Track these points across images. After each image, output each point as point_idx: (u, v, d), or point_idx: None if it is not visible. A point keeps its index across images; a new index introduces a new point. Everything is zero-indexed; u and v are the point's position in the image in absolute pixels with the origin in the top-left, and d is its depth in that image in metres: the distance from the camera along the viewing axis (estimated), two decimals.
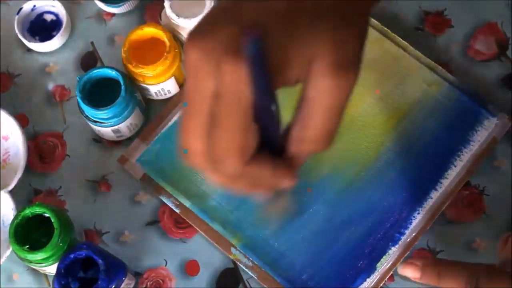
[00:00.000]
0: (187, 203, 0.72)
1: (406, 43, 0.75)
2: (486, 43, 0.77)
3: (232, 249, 0.71)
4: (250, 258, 0.70)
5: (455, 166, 0.71)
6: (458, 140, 0.72)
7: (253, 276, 0.70)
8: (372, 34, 0.75)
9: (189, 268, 0.72)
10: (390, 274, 0.70)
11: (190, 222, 0.72)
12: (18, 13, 0.78)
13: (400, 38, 0.75)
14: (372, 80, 0.74)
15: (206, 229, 0.71)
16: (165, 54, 0.70)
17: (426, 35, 0.78)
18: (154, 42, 0.72)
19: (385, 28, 0.76)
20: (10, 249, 0.69)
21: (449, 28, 0.78)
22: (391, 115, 0.74)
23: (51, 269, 0.67)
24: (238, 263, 0.70)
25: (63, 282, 0.64)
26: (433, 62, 0.75)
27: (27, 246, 0.65)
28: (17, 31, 0.77)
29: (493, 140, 0.72)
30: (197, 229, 0.72)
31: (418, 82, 0.74)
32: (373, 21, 0.76)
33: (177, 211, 0.72)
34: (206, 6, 0.72)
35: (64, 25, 0.77)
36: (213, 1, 0.72)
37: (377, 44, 0.75)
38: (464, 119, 0.73)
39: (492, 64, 0.76)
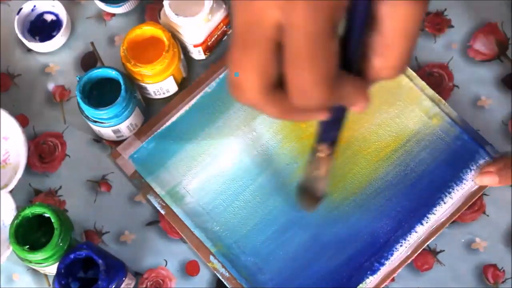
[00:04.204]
0: (172, 206, 0.72)
1: (413, 73, 0.75)
2: (486, 43, 0.77)
3: (211, 257, 0.71)
4: (227, 269, 0.70)
5: (445, 203, 0.71)
6: (451, 177, 0.72)
7: (229, 287, 0.70)
8: None
9: (189, 268, 0.72)
10: None
11: (173, 225, 0.72)
12: (18, 13, 0.78)
13: (407, 67, 0.75)
14: (374, 106, 0.74)
15: (188, 234, 0.71)
16: (163, 53, 0.70)
17: (426, 35, 0.78)
18: (153, 41, 0.72)
19: None
20: (10, 249, 0.69)
21: (449, 28, 0.78)
22: (387, 143, 0.73)
23: (51, 269, 0.67)
24: (215, 272, 0.71)
25: (63, 282, 0.64)
26: (437, 95, 0.74)
27: (27, 246, 0.65)
28: (17, 31, 0.77)
29: None
30: (180, 232, 0.72)
31: (419, 114, 0.74)
32: None
33: (163, 212, 0.72)
34: (204, 5, 0.72)
35: (64, 25, 0.77)
36: (212, 1, 0.72)
37: None
38: (460, 157, 0.72)
39: (492, 64, 0.76)
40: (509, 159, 0.69)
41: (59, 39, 0.78)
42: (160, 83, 0.73)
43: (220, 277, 0.70)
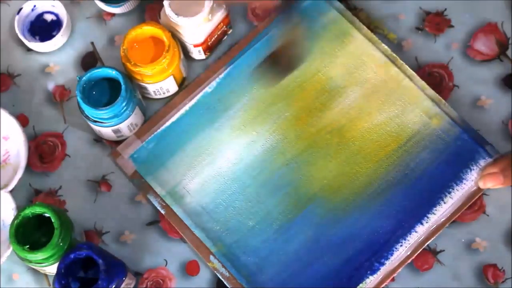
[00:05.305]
0: (173, 206, 0.72)
1: (413, 72, 0.75)
2: (486, 43, 0.77)
3: (211, 257, 0.71)
4: (227, 269, 0.70)
5: (445, 203, 0.71)
6: (451, 176, 0.72)
7: (229, 287, 0.70)
8: (379, 58, 0.75)
9: (189, 268, 0.72)
10: None
11: (173, 225, 0.72)
12: (18, 13, 0.78)
13: (407, 66, 0.75)
14: (374, 105, 0.74)
15: (188, 233, 0.71)
16: (163, 53, 0.70)
17: (426, 35, 0.78)
18: (153, 41, 0.73)
19: (394, 55, 0.75)
20: (10, 249, 0.69)
21: (449, 28, 0.78)
22: (387, 143, 0.73)
23: (51, 269, 0.67)
24: (215, 272, 0.71)
25: (63, 282, 0.64)
26: (437, 95, 0.74)
27: (27, 246, 0.65)
28: (17, 31, 0.77)
29: None
30: (179, 232, 0.72)
31: (420, 113, 0.74)
32: (383, 45, 0.76)
33: (163, 212, 0.72)
34: (205, 5, 0.72)
35: (64, 25, 0.77)
36: (212, 1, 0.72)
37: (384, 69, 0.75)
38: (460, 156, 0.72)
39: (492, 64, 0.76)
40: (510, 158, 0.69)
41: (59, 39, 0.78)
42: (160, 83, 0.73)
43: (220, 277, 0.70)
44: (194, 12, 0.72)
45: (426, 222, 0.70)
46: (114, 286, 0.65)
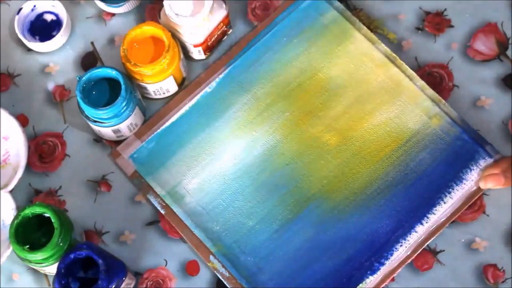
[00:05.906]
0: (173, 206, 0.72)
1: (413, 72, 0.75)
2: (486, 43, 0.77)
3: (211, 257, 0.71)
4: (227, 269, 0.70)
5: (445, 203, 0.71)
6: (451, 176, 0.72)
7: (229, 287, 0.70)
8: (379, 58, 0.75)
9: (189, 268, 0.72)
10: None
11: (173, 225, 0.72)
12: (18, 13, 0.78)
13: (407, 66, 0.75)
14: (374, 105, 0.74)
15: (188, 233, 0.72)
16: (163, 53, 0.70)
17: (426, 35, 0.78)
18: (153, 41, 0.73)
19: (393, 55, 0.75)
20: (10, 249, 0.69)
21: (449, 28, 0.78)
22: (387, 143, 0.73)
23: (51, 269, 0.67)
24: (215, 272, 0.71)
25: (63, 282, 0.64)
26: (437, 95, 0.74)
27: (27, 246, 0.65)
28: (17, 31, 0.77)
29: None
30: (179, 232, 0.72)
31: (419, 113, 0.74)
32: (382, 45, 0.76)
33: (163, 212, 0.72)
34: (204, 5, 0.72)
35: (64, 25, 0.77)
36: (212, 1, 0.72)
37: (383, 69, 0.75)
38: (460, 156, 0.72)
39: (492, 64, 0.76)
40: (511, 160, 0.69)
41: (59, 39, 0.78)
42: (160, 83, 0.73)
43: (220, 277, 0.70)
44: (194, 12, 0.72)
45: (426, 222, 0.70)
46: (114, 286, 0.65)
